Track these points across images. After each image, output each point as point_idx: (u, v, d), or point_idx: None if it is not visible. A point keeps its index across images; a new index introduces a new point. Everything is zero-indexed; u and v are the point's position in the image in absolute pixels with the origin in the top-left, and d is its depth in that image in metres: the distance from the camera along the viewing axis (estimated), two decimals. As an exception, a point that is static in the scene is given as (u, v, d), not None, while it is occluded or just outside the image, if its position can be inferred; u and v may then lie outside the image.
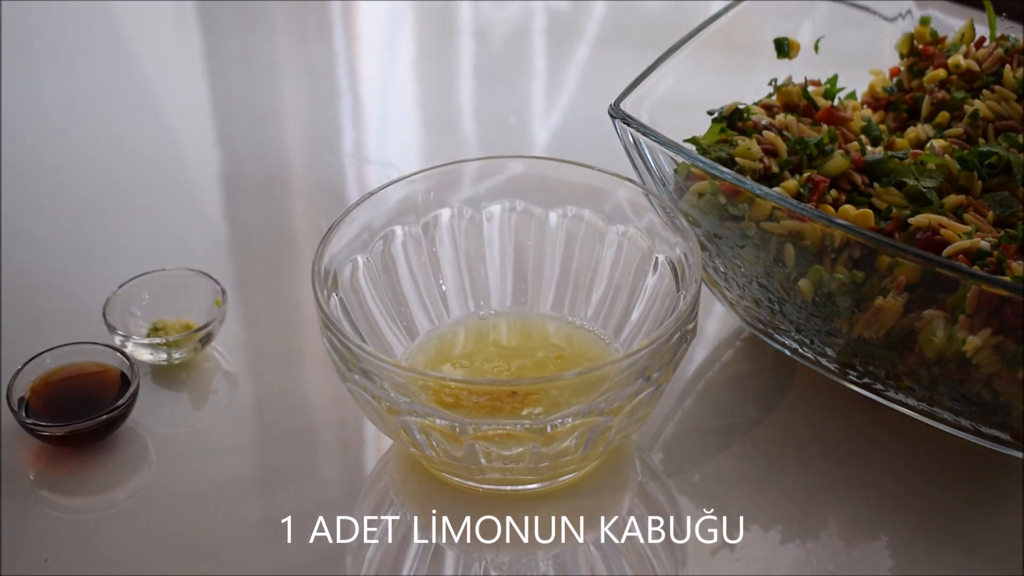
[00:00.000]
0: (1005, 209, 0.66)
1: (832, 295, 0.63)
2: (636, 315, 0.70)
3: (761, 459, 0.68)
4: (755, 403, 0.72)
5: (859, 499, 0.66)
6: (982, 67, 0.75)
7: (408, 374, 0.60)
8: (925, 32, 0.80)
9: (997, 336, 0.59)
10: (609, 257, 0.71)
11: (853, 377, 0.68)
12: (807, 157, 0.69)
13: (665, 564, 0.63)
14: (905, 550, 0.63)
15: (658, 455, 0.69)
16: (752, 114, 0.72)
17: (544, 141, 1.00)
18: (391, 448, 0.69)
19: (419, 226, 0.71)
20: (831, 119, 0.73)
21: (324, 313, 0.60)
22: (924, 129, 0.74)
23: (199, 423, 0.71)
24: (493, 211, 0.72)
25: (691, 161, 0.65)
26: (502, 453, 0.59)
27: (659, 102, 0.72)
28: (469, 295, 0.73)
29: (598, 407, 0.58)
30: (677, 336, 0.60)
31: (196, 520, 0.65)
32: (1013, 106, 0.72)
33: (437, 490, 0.65)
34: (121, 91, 1.04)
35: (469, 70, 1.12)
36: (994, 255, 0.61)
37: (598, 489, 0.65)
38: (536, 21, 1.17)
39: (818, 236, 0.62)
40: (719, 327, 0.78)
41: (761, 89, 0.77)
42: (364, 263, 0.68)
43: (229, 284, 0.78)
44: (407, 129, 1.04)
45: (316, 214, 0.92)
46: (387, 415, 0.60)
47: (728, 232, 0.66)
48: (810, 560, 0.63)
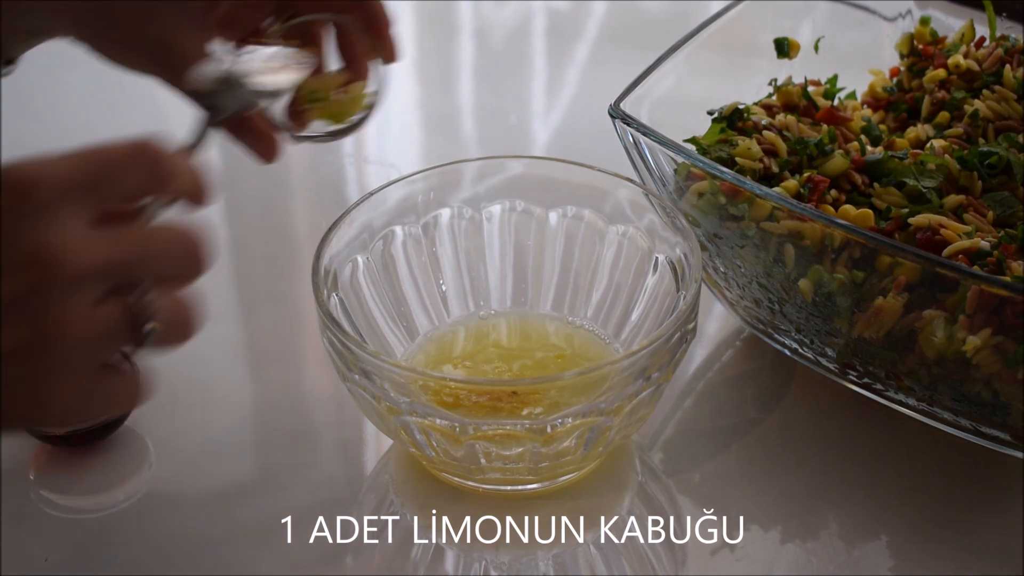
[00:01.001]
0: (1005, 209, 0.66)
1: (832, 295, 0.63)
2: (636, 315, 0.70)
3: (761, 459, 0.68)
4: (755, 403, 0.72)
5: (859, 499, 0.66)
6: (982, 67, 0.75)
7: (408, 374, 0.60)
8: (925, 32, 0.80)
9: (997, 336, 0.59)
10: (609, 257, 0.71)
11: (853, 377, 0.68)
12: (807, 157, 0.69)
13: (665, 564, 0.63)
14: (905, 550, 0.63)
15: (658, 455, 0.69)
16: (752, 114, 0.72)
17: (544, 141, 1.00)
18: (391, 448, 0.69)
19: (419, 226, 0.71)
20: (831, 119, 0.73)
21: (324, 313, 0.60)
22: (924, 129, 0.74)
23: (199, 423, 0.71)
24: (493, 211, 0.72)
25: (691, 161, 0.65)
26: (502, 453, 0.59)
27: (659, 102, 0.72)
28: (469, 295, 0.73)
29: (598, 407, 0.58)
30: (677, 336, 0.60)
31: (196, 520, 0.65)
32: (1013, 106, 0.72)
33: (437, 490, 0.65)
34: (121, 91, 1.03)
35: (469, 70, 1.12)
36: (994, 255, 0.61)
37: (598, 489, 0.65)
38: (536, 21, 1.17)
39: (818, 236, 0.62)
40: (719, 327, 0.78)
41: (761, 89, 0.77)
42: (364, 263, 0.68)
43: (229, 284, 0.78)
44: (407, 129, 1.03)
45: (316, 214, 0.92)
46: (387, 415, 0.60)
47: (728, 232, 0.66)
48: (810, 560, 0.63)
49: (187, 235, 0.46)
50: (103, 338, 0.44)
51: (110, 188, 0.44)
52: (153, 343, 0.45)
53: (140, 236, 0.45)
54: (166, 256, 0.45)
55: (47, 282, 0.41)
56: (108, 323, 0.44)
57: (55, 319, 0.42)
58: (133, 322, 0.44)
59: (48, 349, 0.42)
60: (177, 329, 0.46)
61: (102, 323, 0.43)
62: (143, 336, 0.45)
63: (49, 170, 0.42)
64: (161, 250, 0.45)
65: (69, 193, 0.42)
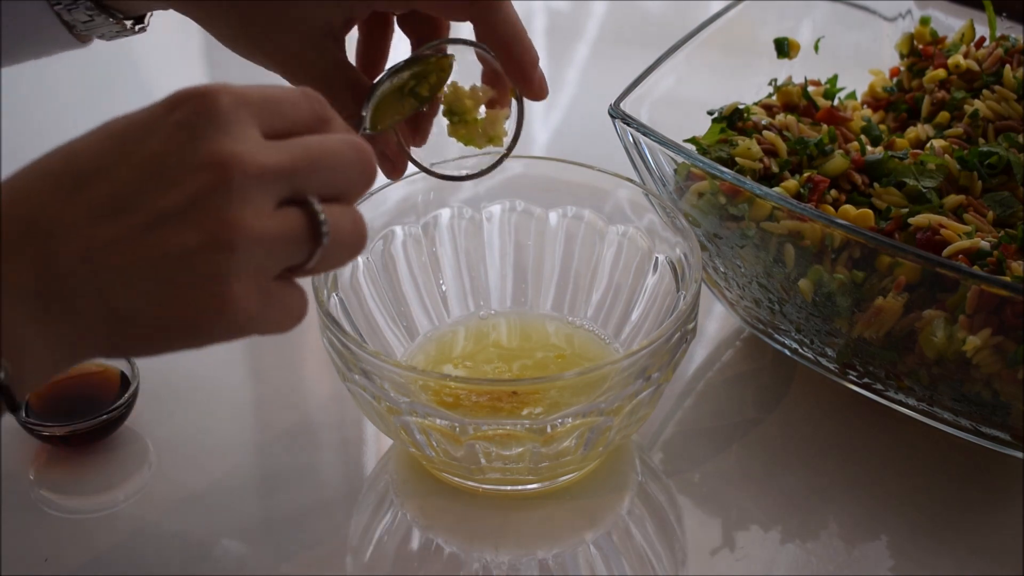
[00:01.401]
0: (1005, 209, 0.66)
1: (832, 295, 0.63)
2: (636, 315, 0.70)
3: (761, 459, 0.68)
4: (755, 403, 0.72)
5: (859, 499, 0.66)
6: (982, 67, 0.75)
7: (408, 374, 0.60)
8: (925, 32, 0.80)
9: (997, 336, 0.59)
10: (609, 257, 0.71)
11: (853, 377, 0.68)
12: (807, 157, 0.69)
13: (665, 564, 0.63)
14: (905, 550, 0.63)
15: (658, 455, 0.69)
16: (752, 114, 0.72)
17: (544, 141, 1.00)
18: (391, 448, 0.69)
19: (419, 226, 0.71)
20: (831, 119, 0.73)
21: (324, 313, 0.60)
22: (924, 129, 0.74)
23: (199, 423, 0.71)
24: (493, 211, 0.72)
25: (691, 161, 0.65)
26: (502, 453, 0.59)
27: (659, 102, 0.72)
28: (469, 295, 0.73)
29: (598, 407, 0.58)
30: (677, 336, 0.60)
31: (196, 520, 0.65)
32: (1013, 106, 0.72)
33: (437, 490, 0.65)
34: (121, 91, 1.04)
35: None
36: (994, 255, 0.61)
37: (598, 489, 0.65)
38: (536, 21, 1.17)
39: (818, 236, 0.62)
40: (719, 327, 0.78)
41: (761, 89, 0.77)
42: (364, 263, 0.68)
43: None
44: (407, 129, 1.03)
45: (316, 214, 0.91)
46: (387, 415, 0.60)
47: (728, 232, 0.66)
48: (810, 560, 0.63)
49: (358, 146, 0.46)
50: (283, 241, 0.44)
51: (280, 114, 0.45)
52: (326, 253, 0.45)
53: (314, 143, 0.45)
54: (339, 165, 0.46)
55: (225, 182, 0.42)
56: (287, 226, 0.44)
57: (235, 219, 0.42)
58: (312, 227, 0.44)
59: (228, 249, 0.42)
60: (349, 241, 0.47)
61: (282, 226, 0.43)
62: (321, 242, 0.45)
63: (228, 88, 0.44)
64: (334, 159, 0.45)
65: (245, 107, 0.44)
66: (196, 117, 0.43)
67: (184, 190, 0.42)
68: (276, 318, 0.45)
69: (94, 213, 0.42)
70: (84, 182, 0.42)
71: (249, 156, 0.43)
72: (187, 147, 0.42)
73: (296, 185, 0.44)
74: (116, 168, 0.43)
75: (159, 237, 0.42)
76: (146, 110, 0.44)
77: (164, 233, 0.42)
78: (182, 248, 0.42)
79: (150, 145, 0.43)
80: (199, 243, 0.42)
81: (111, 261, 0.42)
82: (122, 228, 0.42)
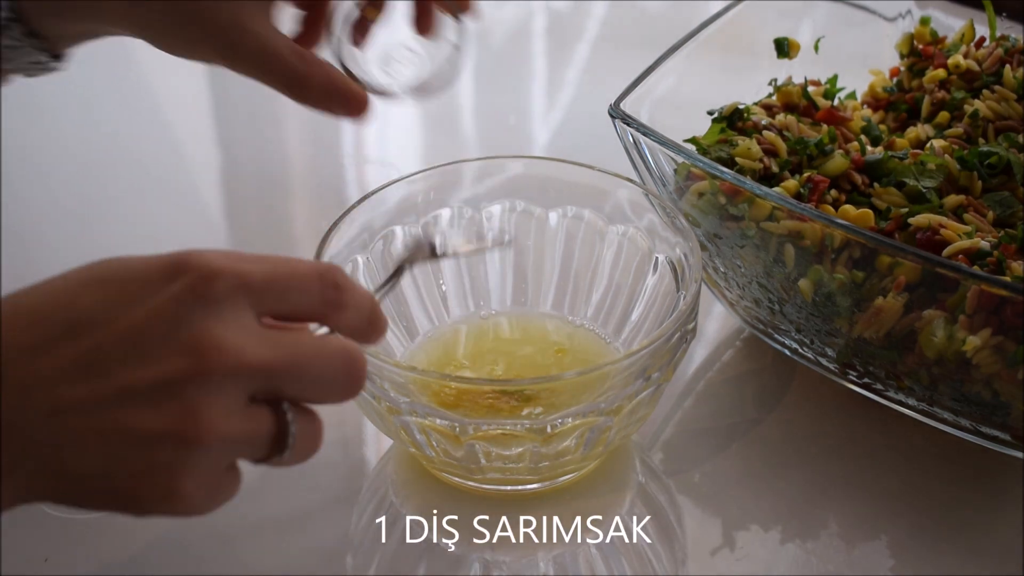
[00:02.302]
0: (1005, 209, 0.66)
1: (832, 295, 0.63)
2: (636, 315, 0.70)
3: (761, 459, 0.68)
4: (755, 403, 0.72)
5: (859, 499, 0.66)
6: (982, 67, 0.75)
7: (408, 374, 0.60)
8: (925, 32, 0.80)
9: (997, 336, 0.59)
10: (609, 257, 0.71)
11: (853, 377, 0.68)
12: (807, 157, 0.69)
13: (665, 564, 0.63)
14: (905, 550, 0.63)
15: (658, 455, 0.69)
16: (752, 114, 0.72)
17: (544, 141, 1.00)
18: (391, 448, 0.69)
19: (419, 226, 0.71)
20: (831, 119, 0.73)
21: (324, 313, 0.60)
22: (924, 129, 0.74)
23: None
24: (493, 211, 0.72)
25: (691, 161, 0.65)
26: (502, 453, 0.59)
27: (659, 102, 0.72)
28: (469, 295, 0.73)
29: (598, 407, 0.58)
30: (677, 336, 0.60)
31: (196, 520, 0.65)
32: (1013, 106, 0.72)
33: (437, 490, 0.65)
34: (121, 91, 1.04)
35: (469, 70, 1.12)
36: (994, 255, 0.61)
37: (598, 489, 0.65)
38: (536, 21, 1.17)
39: (818, 236, 0.62)
40: (719, 327, 0.78)
41: (761, 89, 0.77)
42: (364, 263, 0.68)
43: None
44: (407, 129, 1.03)
45: (316, 214, 0.92)
46: (387, 415, 0.60)
47: (728, 232, 0.66)
48: (810, 560, 0.63)
49: (351, 358, 0.45)
50: (245, 442, 0.43)
51: (284, 300, 0.44)
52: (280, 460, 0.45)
53: (306, 347, 0.44)
54: (325, 375, 0.44)
55: (202, 373, 0.41)
56: (253, 429, 0.43)
57: (202, 415, 0.41)
58: (279, 435, 0.44)
59: (189, 446, 0.41)
60: (304, 452, 0.46)
61: (247, 427, 0.43)
62: (282, 452, 0.44)
63: (232, 266, 0.42)
64: (322, 369, 0.44)
65: (244, 293, 0.42)
66: (190, 294, 0.42)
67: (159, 370, 0.41)
68: (212, 505, 0.45)
69: (67, 371, 0.41)
70: (66, 334, 0.41)
71: (233, 349, 0.41)
72: (173, 325, 0.41)
73: (274, 385, 0.43)
74: (99, 328, 0.41)
75: (123, 413, 0.41)
76: (145, 266, 0.43)
77: (129, 410, 0.41)
78: (143, 431, 0.41)
79: (137, 313, 0.42)
80: (161, 431, 0.41)
81: (72, 423, 0.41)
82: (91, 393, 0.41)
